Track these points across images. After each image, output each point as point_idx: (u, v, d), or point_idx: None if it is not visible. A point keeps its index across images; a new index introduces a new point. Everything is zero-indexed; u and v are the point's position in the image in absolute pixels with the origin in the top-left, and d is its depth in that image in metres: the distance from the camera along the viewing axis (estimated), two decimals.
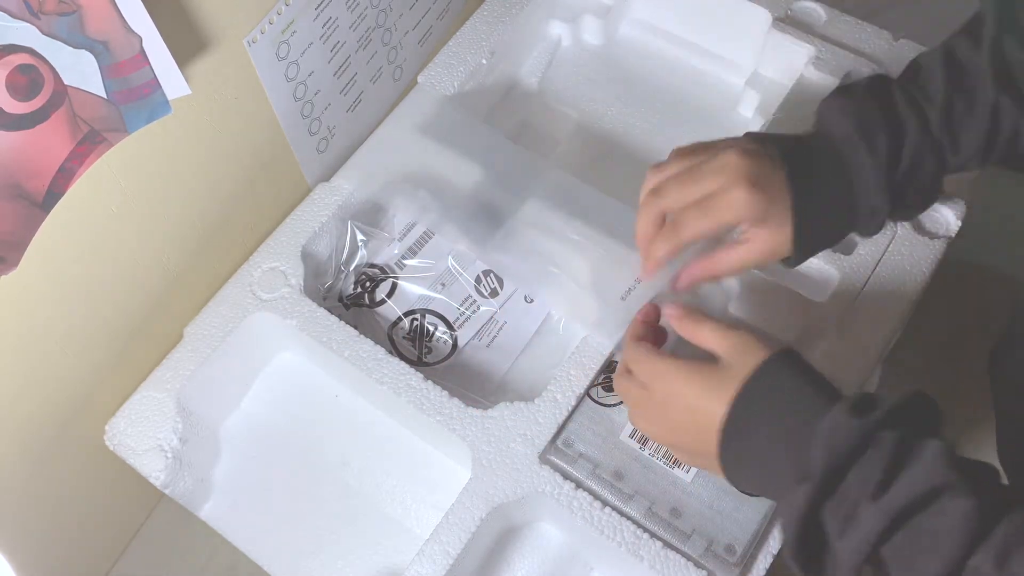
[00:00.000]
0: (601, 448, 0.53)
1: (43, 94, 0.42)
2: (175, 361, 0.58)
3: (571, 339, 0.63)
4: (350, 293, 0.62)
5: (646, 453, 0.53)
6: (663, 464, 0.52)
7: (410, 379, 0.55)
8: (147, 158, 0.53)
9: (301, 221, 0.62)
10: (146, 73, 0.46)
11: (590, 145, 0.71)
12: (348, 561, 0.57)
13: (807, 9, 0.69)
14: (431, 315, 0.62)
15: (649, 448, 0.53)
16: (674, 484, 0.52)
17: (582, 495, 0.51)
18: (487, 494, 0.52)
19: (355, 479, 0.59)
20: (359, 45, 0.66)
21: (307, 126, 0.65)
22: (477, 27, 0.70)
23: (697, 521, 0.51)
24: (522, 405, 0.54)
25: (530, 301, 0.63)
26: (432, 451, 0.59)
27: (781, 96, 0.66)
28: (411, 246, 0.63)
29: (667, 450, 0.52)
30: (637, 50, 0.76)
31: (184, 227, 0.59)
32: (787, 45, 0.68)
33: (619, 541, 0.50)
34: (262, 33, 0.56)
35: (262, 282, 0.60)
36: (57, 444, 0.57)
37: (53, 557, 0.62)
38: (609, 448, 0.53)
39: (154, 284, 0.58)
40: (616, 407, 0.54)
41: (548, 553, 0.56)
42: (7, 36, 0.40)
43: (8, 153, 0.42)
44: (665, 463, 0.52)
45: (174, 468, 0.55)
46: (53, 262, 0.50)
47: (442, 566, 0.50)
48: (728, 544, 0.50)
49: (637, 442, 0.53)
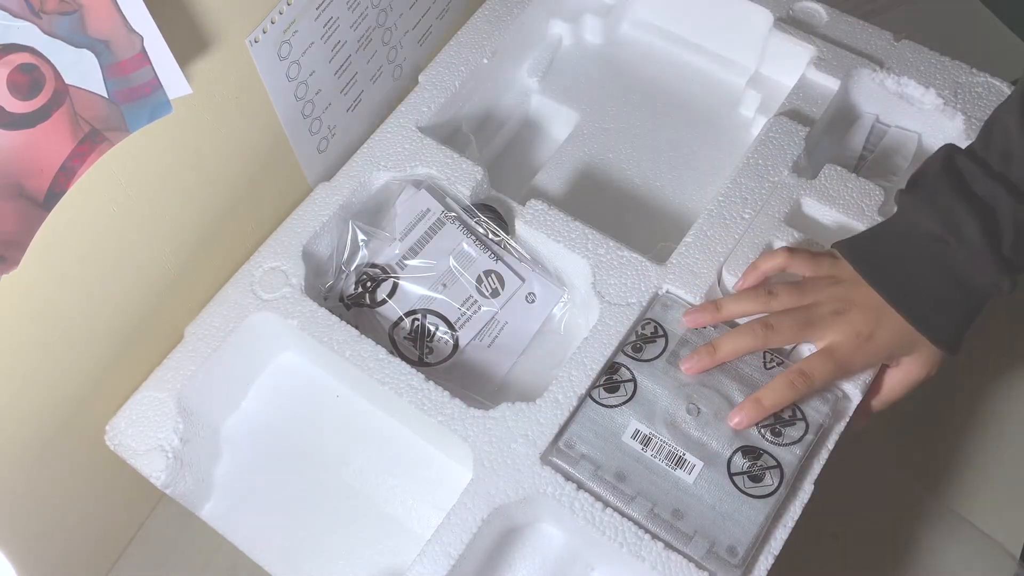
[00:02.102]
0: (603, 449, 0.53)
1: (44, 93, 0.42)
2: (176, 361, 0.58)
3: (572, 339, 0.63)
4: (351, 293, 0.62)
5: (648, 454, 0.53)
6: (665, 466, 0.52)
7: (411, 379, 0.55)
8: (148, 158, 0.52)
9: (302, 221, 0.62)
10: (147, 72, 0.46)
11: (591, 145, 0.71)
12: (349, 561, 0.57)
13: (808, 9, 0.69)
14: (432, 315, 0.62)
15: (651, 450, 0.53)
16: (676, 486, 0.52)
17: (583, 496, 0.51)
18: (488, 495, 0.52)
19: (356, 479, 0.59)
20: (360, 45, 0.66)
21: (308, 125, 0.65)
22: (478, 27, 0.70)
23: (699, 523, 0.50)
24: (523, 406, 0.54)
25: (532, 301, 0.63)
26: (433, 451, 0.59)
27: (782, 96, 0.66)
28: (412, 246, 0.63)
29: (669, 451, 0.53)
30: (638, 50, 0.76)
31: (185, 226, 0.59)
32: (788, 45, 0.68)
33: (620, 542, 0.50)
34: (264, 33, 0.56)
35: (263, 282, 0.60)
36: (57, 444, 0.57)
37: (53, 557, 0.62)
38: (611, 449, 0.53)
39: (155, 284, 0.58)
40: (618, 408, 0.54)
41: (549, 554, 0.56)
42: (8, 35, 0.39)
43: (9, 152, 0.42)
44: (667, 465, 0.52)
45: (175, 468, 0.55)
46: (53, 262, 0.50)
47: (443, 567, 0.50)
48: (730, 546, 0.50)
49: (639, 443, 0.53)
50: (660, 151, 0.71)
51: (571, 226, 0.61)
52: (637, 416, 0.54)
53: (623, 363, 0.55)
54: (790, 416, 0.53)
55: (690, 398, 0.54)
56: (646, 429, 0.53)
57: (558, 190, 0.69)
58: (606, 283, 0.59)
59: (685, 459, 0.52)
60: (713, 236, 0.60)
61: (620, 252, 0.60)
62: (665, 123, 0.72)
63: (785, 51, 0.68)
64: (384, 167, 0.64)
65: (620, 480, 0.52)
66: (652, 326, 0.57)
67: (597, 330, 0.57)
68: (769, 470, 0.51)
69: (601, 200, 0.69)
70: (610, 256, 0.59)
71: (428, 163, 0.64)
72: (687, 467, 0.52)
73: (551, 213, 0.61)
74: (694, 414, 0.53)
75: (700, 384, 0.54)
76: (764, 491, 0.51)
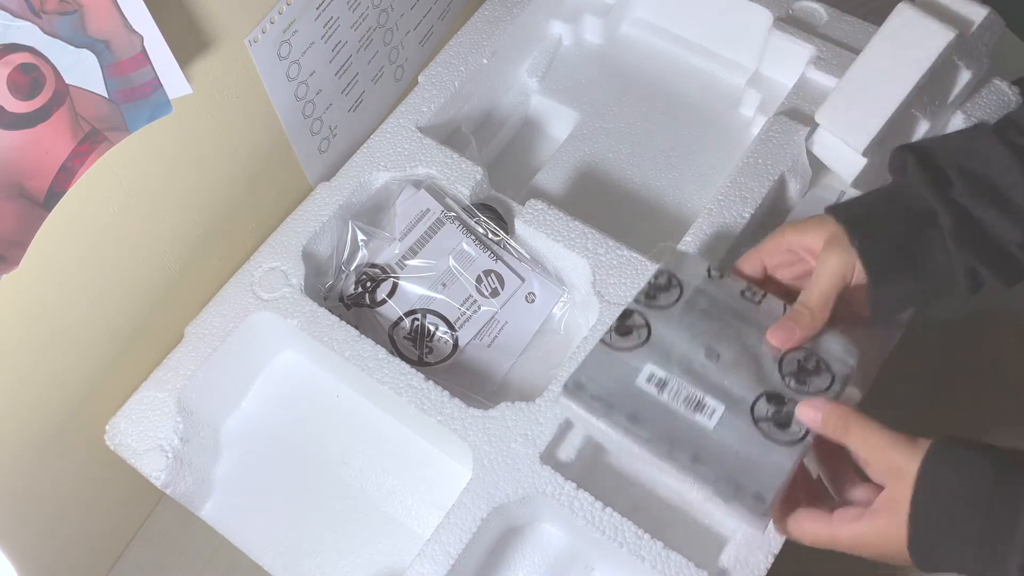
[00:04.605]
0: (615, 392, 0.49)
1: (44, 93, 0.42)
2: (176, 361, 0.58)
3: (572, 339, 0.63)
4: (351, 293, 0.62)
5: (664, 398, 0.48)
6: (683, 410, 0.48)
7: (411, 379, 0.55)
8: (148, 157, 0.53)
9: (302, 221, 0.62)
10: (147, 72, 0.46)
11: (591, 144, 0.71)
12: (349, 560, 0.57)
13: (808, 9, 0.69)
14: (432, 315, 0.62)
15: (668, 393, 0.49)
16: (695, 430, 0.47)
17: (583, 495, 0.51)
18: (488, 494, 0.52)
19: (356, 479, 0.59)
20: (360, 45, 0.66)
21: (309, 126, 0.65)
22: (478, 27, 0.70)
23: (721, 468, 0.46)
24: (523, 405, 0.54)
25: (531, 301, 0.63)
26: (433, 451, 0.59)
27: (782, 96, 0.66)
28: (412, 246, 0.63)
29: (688, 395, 0.49)
30: (638, 50, 0.76)
31: (185, 226, 0.59)
32: (788, 45, 0.68)
33: (620, 541, 0.50)
34: (263, 33, 0.56)
35: (263, 282, 0.60)
36: (57, 444, 0.57)
37: (53, 557, 0.62)
38: (624, 392, 0.49)
39: (155, 283, 0.58)
40: (631, 351, 0.50)
41: (549, 553, 0.56)
42: (9, 35, 0.40)
43: (9, 152, 0.42)
44: (686, 409, 0.48)
45: (175, 468, 0.55)
46: (54, 261, 0.50)
47: (443, 566, 0.50)
48: (757, 492, 0.45)
49: (655, 387, 0.49)
50: (660, 151, 0.71)
51: (571, 225, 0.61)
52: (652, 359, 0.50)
53: (636, 309, 0.52)
54: (814, 366, 0.50)
55: (709, 345, 0.50)
56: (662, 372, 0.49)
57: (558, 190, 0.69)
58: (606, 283, 0.59)
59: (704, 403, 0.48)
60: (713, 236, 0.60)
61: (620, 251, 0.60)
62: (665, 123, 0.72)
63: (785, 51, 0.68)
64: (384, 167, 0.64)
65: (634, 423, 0.48)
66: (666, 276, 0.53)
67: (597, 329, 0.57)
68: (796, 419, 0.47)
69: (601, 200, 0.69)
70: (610, 256, 0.59)
71: (428, 163, 0.64)
72: (707, 411, 0.48)
73: (551, 213, 0.61)
74: (713, 359, 0.50)
75: (719, 333, 0.51)
76: (791, 437, 0.47)
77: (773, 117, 0.65)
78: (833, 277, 0.49)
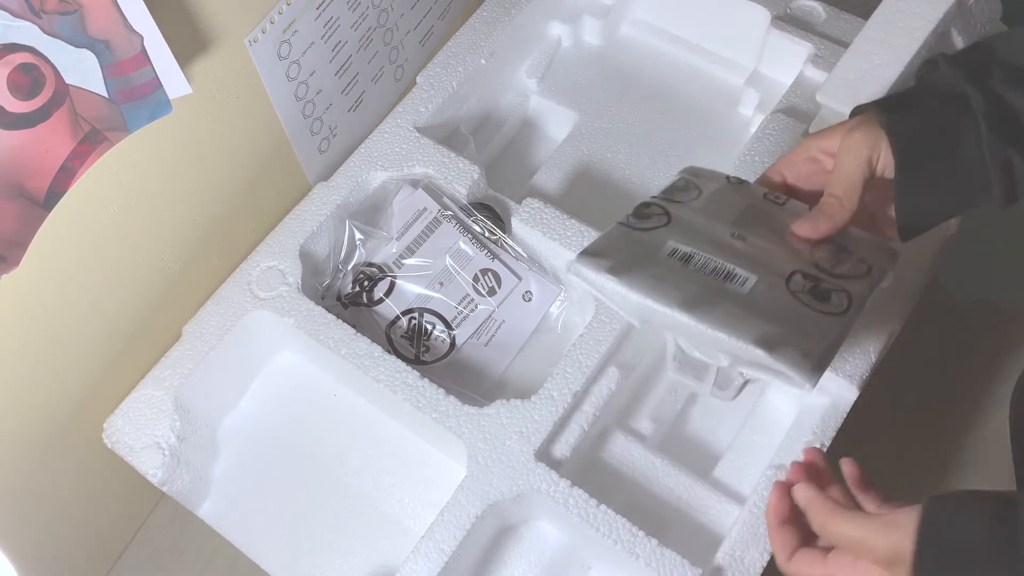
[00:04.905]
0: (636, 259, 0.44)
1: (44, 93, 0.42)
2: (174, 359, 0.58)
3: (569, 337, 0.63)
4: (348, 292, 0.62)
5: (690, 270, 0.43)
6: (713, 279, 0.43)
7: (406, 377, 0.55)
8: (148, 157, 0.53)
9: (299, 220, 0.62)
10: (147, 72, 0.47)
11: (589, 145, 0.71)
12: (346, 559, 0.57)
13: (806, 7, 0.70)
14: (429, 314, 0.62)
15: (693, 267, 0.43)
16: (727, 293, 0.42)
17: (578, 493, 0.51)
18: (482, 491, 0.52)
19: (353, 477, 0.59)
20: (360, 45, 0.66)
21: (309, 126, 0.65)
22: (476, 28, 0.70)
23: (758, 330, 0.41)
24: (518, 403, 0.55)
25: (528, 300, 0.63)
26: (430, 450, 0.59)
27: (781, 94, 0.67)
28: (409, 245, 0.63)
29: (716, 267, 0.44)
30: (637, 50, 0.76)
31: (184, 226, 0.59)
32: (786, 43, 0.68)
33: (615, 539, 0.50)
34: (263, 33, 0.56)
35: (260, 281, 0.60)
36: (57, 443, 0.57)
37: (53, 557, 0.63)
38: (646, 262, 0.44)
39: (154, 283, 0.59)
40: (652, 231, 0.45)
41: (544, 551, 0.56)
42: (9, 35, 0.40)
43: (9, 152, 0.42)
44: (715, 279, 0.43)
45: (171, 465, 0.56)
46: (54, 261, 0.50)
47: (437, 563, 0.50)
48: (804, 349, 0.40)
49: (679, 261, 0.44)
50: (659, 151, 0.71)
51: (567, 224, 0.61)
52: (675, 237, 0.45)
53: (654, 201, 0.48)
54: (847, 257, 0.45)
55: (734, 230, 0.46)
56: (686, 248, 0.44)
57: (556, 190, 0.69)
58: None
59: (735, 273, 0.43)
60: None
61: None
62: (664, 123, 0.72)
63: (783, 49, 0.68)
64: (381, 167, 0.64)
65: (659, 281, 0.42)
66: (684, 180, 0.50)
67: (593, 327, 0.57)
68: (836, 292, 0.43)
69: (600, 200, 0.69)
70: None
71: (425, 163, 0.64)
72: (738, 280, 0.43)
73: (547, 211, 0.61)
74: (741, 240, 0.45)
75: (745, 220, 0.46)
76: (834, 309, 0.42)
77: (771, 115, 0.65)
78: (859, 158, 0.45)
